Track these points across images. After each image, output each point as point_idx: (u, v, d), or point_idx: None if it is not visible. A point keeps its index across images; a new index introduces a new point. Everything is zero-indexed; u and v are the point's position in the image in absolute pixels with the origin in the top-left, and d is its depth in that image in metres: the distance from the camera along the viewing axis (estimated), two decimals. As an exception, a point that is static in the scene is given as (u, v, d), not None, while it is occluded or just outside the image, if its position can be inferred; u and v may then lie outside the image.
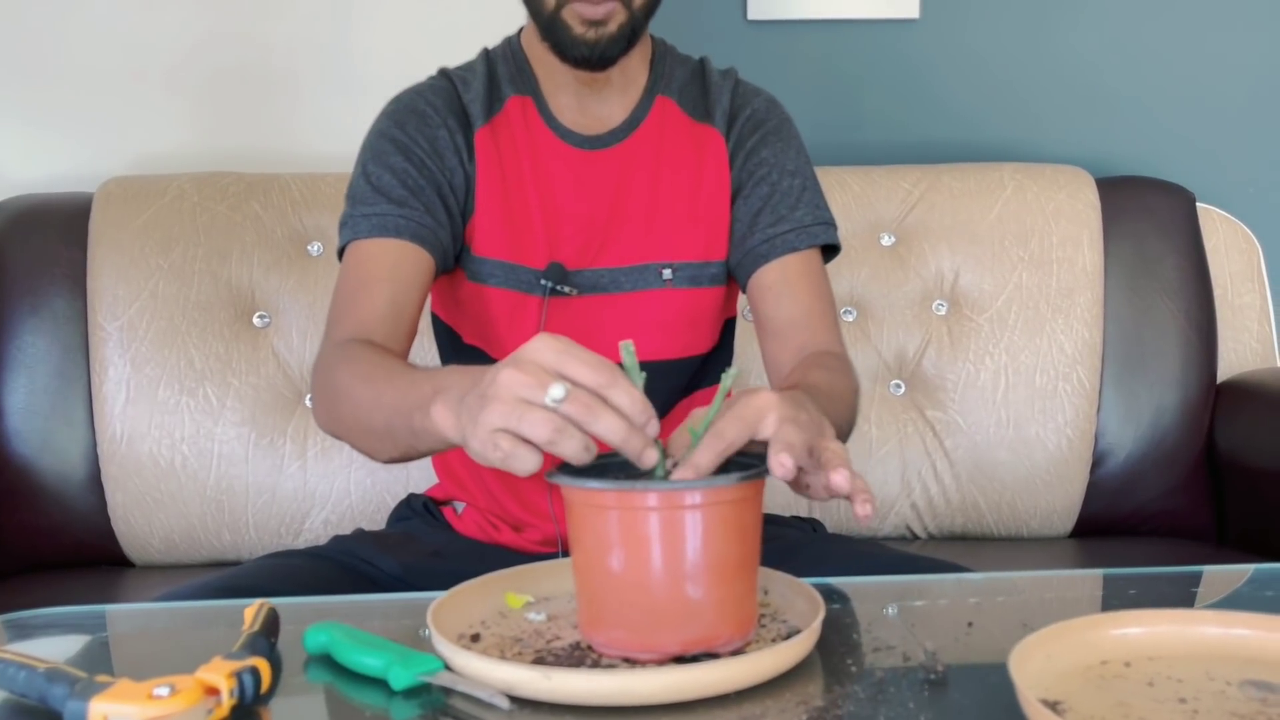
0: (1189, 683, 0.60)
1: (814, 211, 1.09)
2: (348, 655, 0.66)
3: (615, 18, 1.00)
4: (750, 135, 1.10)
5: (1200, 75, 1.75)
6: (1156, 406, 1.56)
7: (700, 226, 1.08)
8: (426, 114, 1.06)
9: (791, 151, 1.11)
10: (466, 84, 1.09)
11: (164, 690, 0.57)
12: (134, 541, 1.50)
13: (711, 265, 1.08)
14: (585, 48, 1.00)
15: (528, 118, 1.08)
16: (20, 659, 0.62)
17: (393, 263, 1.00)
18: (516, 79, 1.09)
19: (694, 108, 1.11)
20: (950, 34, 1.73)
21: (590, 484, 0.65)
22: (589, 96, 1.08)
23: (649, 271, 1.07)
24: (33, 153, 1.67)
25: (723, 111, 1.10)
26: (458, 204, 1.06)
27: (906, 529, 1.56)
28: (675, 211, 1.08)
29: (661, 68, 1.11)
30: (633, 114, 1.09)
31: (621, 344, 0.67)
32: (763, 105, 1.12)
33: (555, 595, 0.76)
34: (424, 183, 1.03)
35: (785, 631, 0.69)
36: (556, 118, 1.08)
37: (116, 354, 1.48)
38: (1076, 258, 1.56)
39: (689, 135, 1.10)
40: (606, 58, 1.02)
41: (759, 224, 1.07)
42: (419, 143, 1.05)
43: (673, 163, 1.09)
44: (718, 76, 1.12)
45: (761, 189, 1.08)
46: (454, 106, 1.07)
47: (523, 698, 0.61)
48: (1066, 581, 0.86)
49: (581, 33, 1.00)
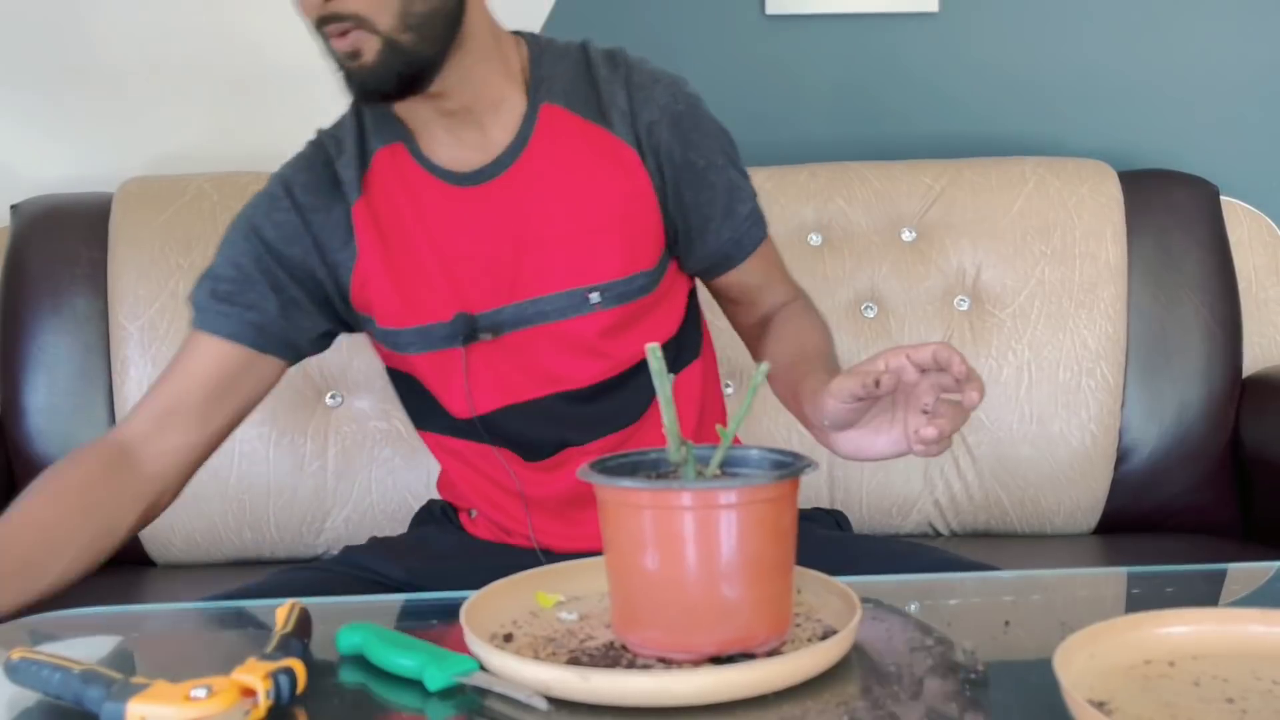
0: (1235, 682, 0.60)
1: (752, 202, 1.05)
2: (382, 656, 0.66)
3: (367, 47, 0.88)
4: (663, 136, 0.99)
5: (1223, 68, 1.73)
6: (1181, 402, 1.55)
7: (620, 239, 0.99)
8: (297, 200, 1.00)
9: (708, 141, 1.01)
10: (340, 146, 1.01)
11: (201, 692, 0.56)
12: (156, 541, 1.50)
13: (639, 277, 1.00)
14: (354, 85, 0.90)
15: (401, 166, 0.99)
16: (55, 660, 0.61)
17: (199, 361, 0.99)
18: (382, 127, 1.00)
19: (585, 108, 0.99)
20: (970, 27, 1.72)
21: (624, 483, 0.64)
22: (459, 128, 0.98)
23: (575, 297, 0.99)
24: (53, 153, 1.67)
25: (621, 113, 0.99)
26: (335, 287, 1.01)
27: (929, 526, 1.55)
28: (590, 228, 0.99)
29: (539, 71, 0.99)
30: (518, 133, 0.98)
31: (648, 347, 0.66)
32: (664, 95, 1.00)
33: (586, 594, 0.76)
34: (264, 278, 0.99)
35: (820, 631, 0.68)
36: (431, 159, 0.99)
37: (137, 353, 1.48)
38: (1099, 252, 1.55)
39: (586, 141, 0.99)
40: (386, 92, 0.91)
41: (718, 226, 1.03)
42: (274, 234, 0.99)
43: (574, 175, 0.99)
44: (606, 69, 1.00)
45: (706, 193, 1.01)
46: (327, 182, 1.00)
47: (558, 698, 0.61)
48: (1101, 580, 0.85)
49: (347, 67, 0.90)
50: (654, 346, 0.66)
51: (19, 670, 0.62)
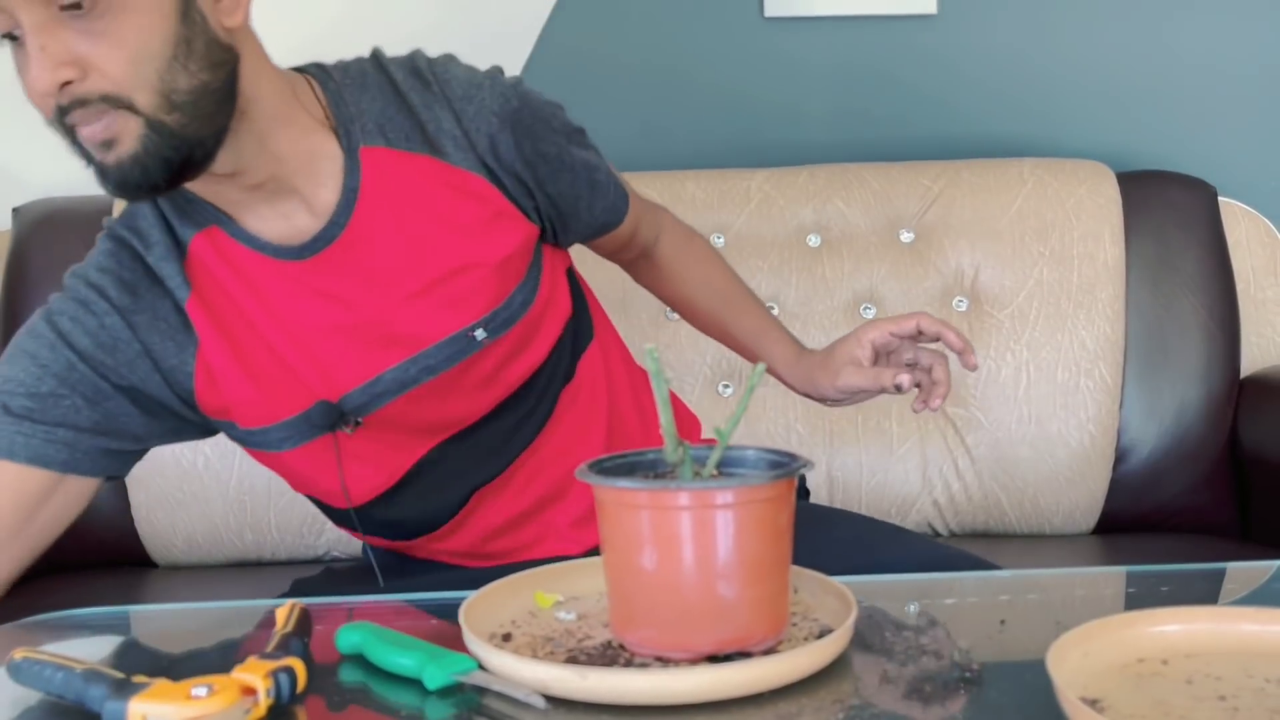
0: (1227, 680, 0.60)
1: (603, 164, 0.99)
2: (381, 655, 0.66)
3: (124, 133, 0.76)
4: (506, 144, 0.90)
5: (1221, 68, 1.74)
6: (1179, 402, 1.55)
7: (487, 268, 0.90)
8: (115, 303, 0.87)
9: (549, 126, 0.93)
10: (145, 239, 0.88)
11: (202, 690, 0.57)
12: (157, 542, 1.50)
13: (517, 294, 0.92)
14: (112, 181, 0.78)
15: (223, 251, 0.88)
16: (57, 659, 0.62)
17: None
18: (188, 213, 0.88)
19: (409, 141, 0.88)
20: (968, 29, 1.73)
21: (622, 483, 0.65)
22: (275, 200, 0.87)
23: (459, 341, 0.90)
24: (54, 157, 1.66)
25: (454, 140, 0.89)
26: (174, 394, 0.90)
27: (928, 526, 1.56)
28: (451, 267, 0.89)
29: (343, 111, 0.88)
30: (343, 188, 0.87)
31: (646, 349, 0.67)
32: (493, 100, 0.89)
33: (585, 594, 0.76)
34: (74, 391, 0.86)
35: (817, 630, 0.69)
36: (257, 237, 0.87)
37: (139, 355, 1.49)
38: (1097, 253, 1.55)
39: (420, 177, 0.89)
40: (154, 184, 0.78)
41: (582, 211, 0.98)
42: (89, 342, 0.87)
43: (418, 217, 0.89)
44: (417, 91, 0.89)
45: (566, 176, 0.94)
46: (145, 278, 0.88)
47: (557, 697, 0.61)
48: (1097, 579, 0.86)
49: (101, 159, 0.77)
50: (651, 349, 0.67)
51: (21, 670, 0.63)
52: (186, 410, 0.92)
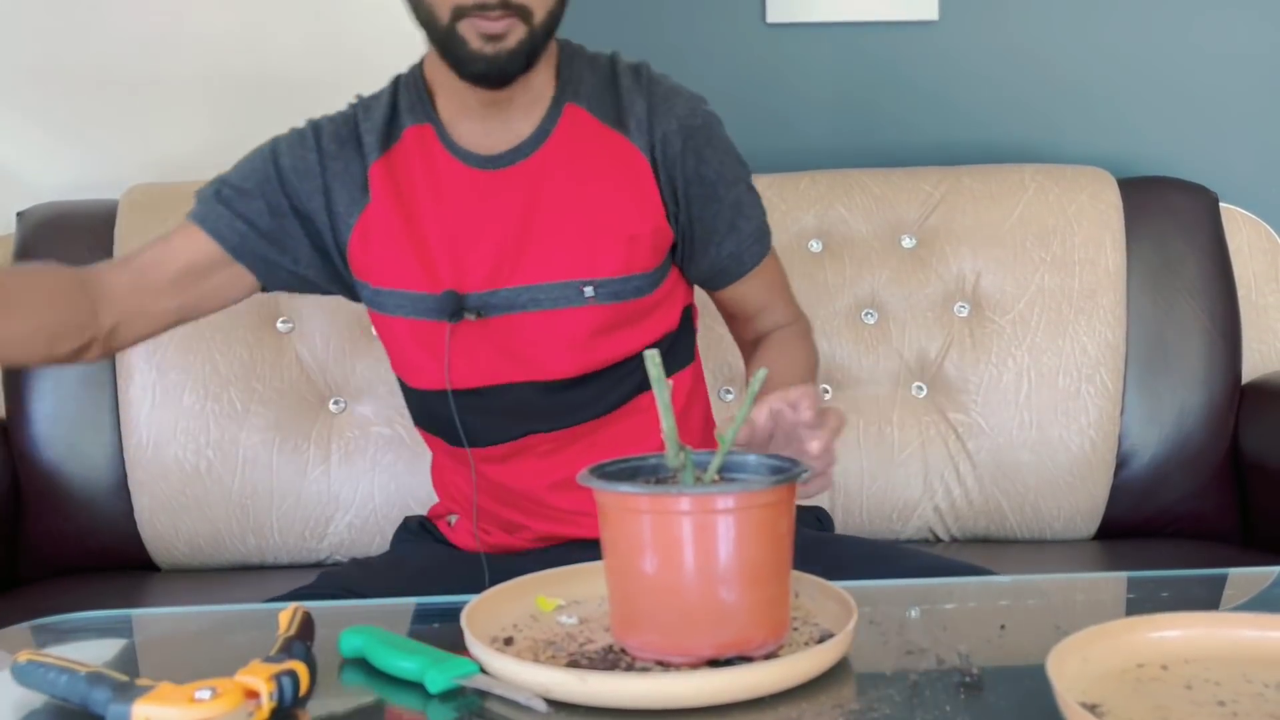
0: (1227, 685, 0.60)
1: (760, 217, 1.11)
2: (383, 658, 0.66)
3: (514, 33, 0.96)
4: (676, 147, 1.04)
5: (1222, 75, 1.74)
6: (1180, 408, 1.55)
7: (621, 241, 1.03)
8: (322, 145, 1.06)
9: (720, 158, 1.06)
10: (368, 113, 1.07)
11: (205, 694, 0.57)
12: (160, 546, 1.51)
13: (635, 279, 1.04)
14: (483, 63, 0.96)
15: (426, 145, 1.05)
16: (61, 662, 0.62)
17: (181, 245, 1.05)
18: (416, 107, 1.06)
19: (606, 113, 1.05)
20: (969, 36, 1.73)
21: (624, 488, 0.65)
22: (492, 117, 1.03)
23: (570, 289, 1.03)
24: (58, 160, 1.68)
25: (639, 121, 1.04)
26: (333, 239, 1.06)
27: (929, 531, 1.56)
28: (593, 225, 1.03)
29: (569, 73, 1.06)
30: (540, 126, 1.04)
31: (646, 354, 0.67)
32: (683, 107, 1.05)
33: (586, 599, 0.77)
34: (265, 199, 1.05)
35: (817, 635, 0.69)
36: (457, 142, 1.04)
37: (142, 360, 1.49)
38: (1099, 259, 1.55)
39: (603, 144, 1.04)
40: (506, 74, 0.98)
41: (720, 240, 1.07)
42: (290, 165, 1.05)
43: (587, 173, 1.04)
44: (629, 79, 1.06)
45: (713, 206, 1.06)
46: (351, 139, 1.06)
47: (558, 700, 0.61)
48: (1097, 584, 0.86)
49: (479, 48, 0.96)
50: (653, 353, 0.67)
51: (26, 672, 0.63)
52: (338, 259, 1.07)
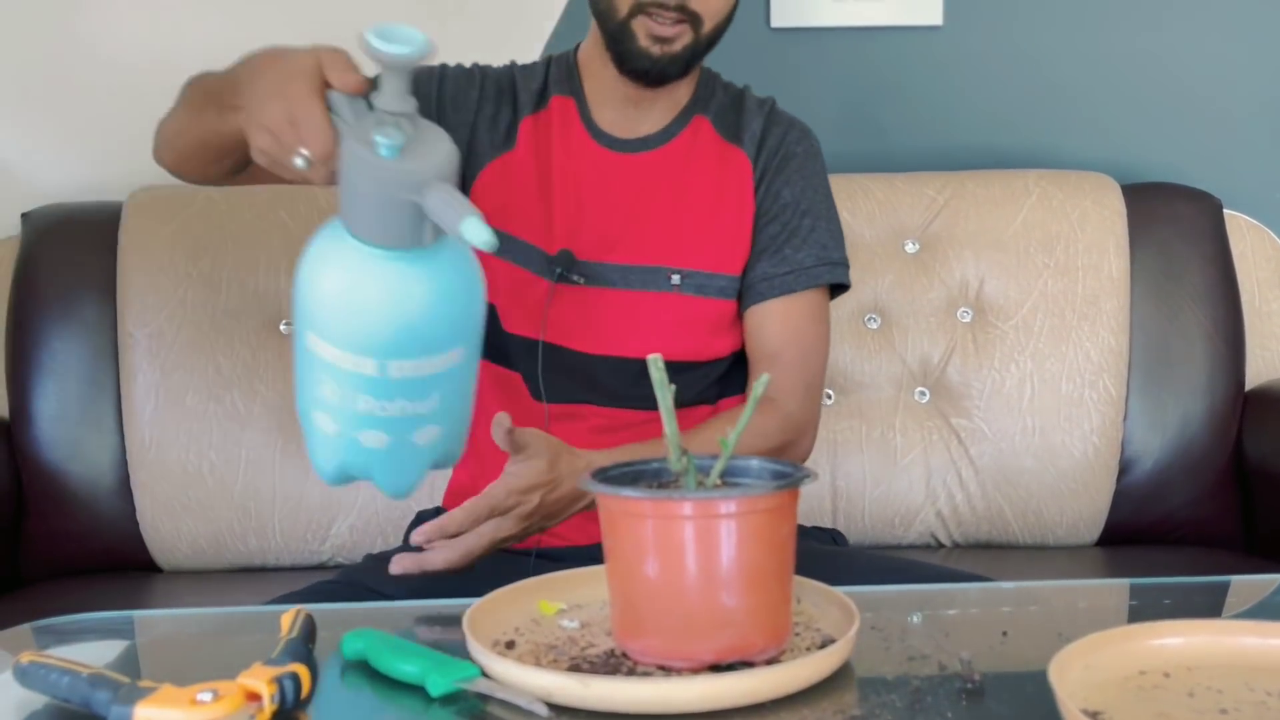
0: (1229, 693, 0.60)
1: (820, 251, 1.11)
2: (385, 662, 0.66)
3: (682, 38, 1.04)
4: (775, 164, 1.12)
5: (1226, 81, 1.74)
6: (1183, 414, 1.55)
7: (715, 239, 1.10)
8: (484, 87, 1.13)
9: (811, 189, 1.13)
10: (526, 76, 1.15)
11: (207, 696, 0.57)
12: (161, 547, 1.51)
13: (721, 278, 1.10)
14: (648, 61, 1.04)
15: (567, 117, 1.13)
16: (63, 664, 0.62)
17: None
18: (564, 82, 1.14)
19: (726, 129, 1.14)
20: (974, 41, 1.73)
21: (626, 492, 0.65)
22: (631, 108, 1.12)
23: (658, 274, 1.09)
24: (64, 162, 1.68)
25: (752, 135, 1.13)
26: (464, 164, 1.09)
27: (931, 536, 1.56)
28: (693, 222, 1.10)
29: (704, 90, 1.15)
30: (668, 127, 1.13)
31: (650, 358, 0.67)
32: (793, 135, 1.14)
33: (588, 603, 0.77)
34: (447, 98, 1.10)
35: (819, 640, 0.69)
36: (595, 121, 1.12)
37: (146, 361, 1.49)
38: (1102, 265, 1.55)
39: (718, 155, 1.13)
40: (665, 76, 1.06)
41: (761, 261, 1.10)
42: (451, 88, 1.11)
43: (698, 178, 1.12)
44: (754, 104, 1.16)
45: (773, 227, 1.11)
46: (509, 92, 1.14)
47: (560, 704, 0.61)
48: (1099, 591, 0.86)
49: (646, 46, 1.03)
50: (655, 358, 0.67)
51: (28, 674, 0.63)
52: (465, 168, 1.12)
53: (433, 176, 0.72)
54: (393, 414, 0.77)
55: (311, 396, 0.79)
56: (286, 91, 0.78)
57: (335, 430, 0.78)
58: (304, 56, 0.80)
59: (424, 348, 0.76)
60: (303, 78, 0.78)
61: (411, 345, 0.75)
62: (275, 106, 0.78)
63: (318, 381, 0.77)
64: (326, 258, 0.75)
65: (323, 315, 0.75)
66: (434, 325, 0.76)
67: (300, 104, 0.77)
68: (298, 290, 0.77)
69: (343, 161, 0.74)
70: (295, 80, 0.78)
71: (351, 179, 0.74)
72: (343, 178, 0.75)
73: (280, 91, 0.78)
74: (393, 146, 0.71)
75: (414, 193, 0.71)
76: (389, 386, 0.76)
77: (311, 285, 0.75)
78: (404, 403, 0.77)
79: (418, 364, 0.76)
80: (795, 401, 1.08)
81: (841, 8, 1.71)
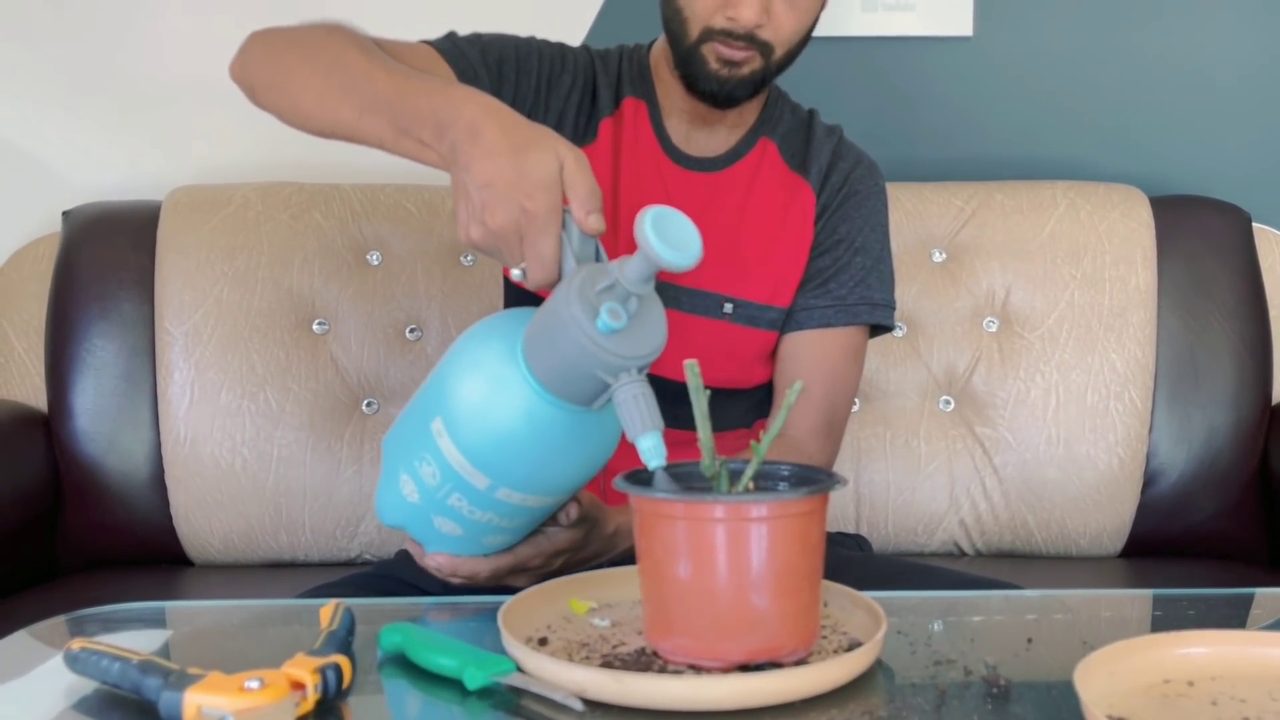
0: (1253, 703, 0.61)
1: (864, 291, 1.11)
2: (422, 655, 0.68)
3: (750, 63, 1.02)
4: (838, 199, 1.12)
5: (1256, 95, 1.74)
6: (1209, 427, 1.55)
7: (771, 271, 1.10)
8: (577, 67, 1.10)
9: (869, 228, 1.12)
10: (604, 69, 1.12)
11: (254, 684, 0.59)
12: (194, 541, 1.53)
13: (771, 310, 1.10)
14: (716, 84, 1.03)
15: (639, 121, 1.11)
16: (114, 650, 0.64)
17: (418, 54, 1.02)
18: (638, 83, 1.12)
19: (792, 157, 1.13)
20: (1003, 52, 1.74)
21: (659, 494, 0.67)
22: (698, 125, 1.11)
23: (710, 300, 1.08)
24: (104, 162, 1.71)
25: (819, 168, 1.12)
26: None
27: (954, 545, 1.56)
28: (751, 250, 1.09)
29: (772, 111, 1.14)
30: (734, 148, 1.12)
31: (686, 363, 0.69)
32: (859, 172, 1.13)
33: (618, 602, 0.78)
34: (497, 65, 1.05)
35: (846, 643, 0.70)
36: (667, 132, 1.11)
37: (181, 358, 1.52)
38: (1130, 277, 1.56)
39: (782, 182, 1.12)
40: (732, 99, 1.05)
41: (804, 291, 1.10)
42: (546, 67, 1.08)
43: (760, 204, 1.11)
44: (823, 131, 1.14)
45: (823, 260, 1.11)
46: (592, 79, 1.11)
47: (593, 700, 0.63)
48: (1124, 601, 0.87)
49: (715, 69, 1.02)
50: (692, 363, 0.69)
51: (79, 660, 0.65)
52: None
53: (636, 367, 0.70)
54: (477, 519, 0.79)
55: (408, 460, 0.78)
56: (526, 206, 0.73)
57: (416, 501, 0.79)
58: (547, 161, 0.74)
59: (541, 489, 0.77)
60: (544, 195, 0.72)
61: (531, 484, 0.76)
62: (508, 215, 0.73)
63: (422, 458, 0.76)
64: (490, 373, 0.73)
65: (461, 420, 0.73)
66: (561, 477, 0.77)
67: (538, 230, 0.72)
68: (447, 375, 0.75)
69: (556, 301, 0.71)
70: (537, 195, 0.73)
71: (557, 327, 0.70)
72: (548, 315, 0.71)
73: (518, 203, 0.73)
74: (615, 329, 0.69)
75: (611, 375, 0.70)
76: (488, 501, 0.77)
77: (461, 387, 0.74)
78: (493, 516, 0.78)
79: (525, 497, 0.77)
80: (816, 443, 1.08)
81: (871, 18, 1.72)
